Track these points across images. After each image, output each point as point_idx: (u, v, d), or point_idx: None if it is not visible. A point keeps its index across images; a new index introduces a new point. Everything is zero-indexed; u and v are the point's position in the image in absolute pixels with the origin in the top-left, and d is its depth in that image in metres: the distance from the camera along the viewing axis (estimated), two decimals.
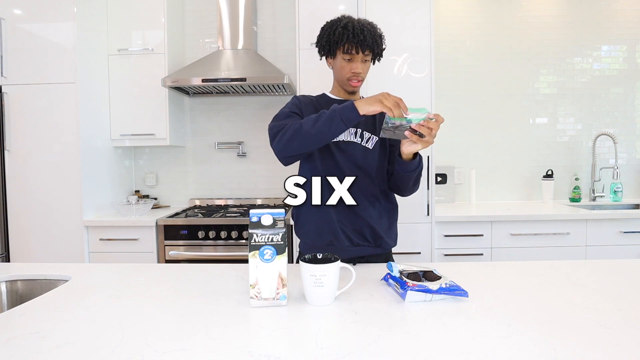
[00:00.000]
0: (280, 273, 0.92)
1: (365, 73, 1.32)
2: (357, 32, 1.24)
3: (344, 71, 1.31)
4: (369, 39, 1.25)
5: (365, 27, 1.27)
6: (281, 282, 0.92)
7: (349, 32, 1.25)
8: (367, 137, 1.33)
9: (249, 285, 0.92)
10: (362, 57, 1.29)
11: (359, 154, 1.32)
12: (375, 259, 1.36)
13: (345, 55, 1.28)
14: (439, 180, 2.80)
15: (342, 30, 1.26)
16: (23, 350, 0.72)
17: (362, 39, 1.24)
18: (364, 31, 1.25)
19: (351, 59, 1.28)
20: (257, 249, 0.91)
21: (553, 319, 0.83)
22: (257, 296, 0.92)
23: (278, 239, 0.91)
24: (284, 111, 1.31)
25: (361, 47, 1.26)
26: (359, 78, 1.31)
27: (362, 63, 1.30)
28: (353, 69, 1.29)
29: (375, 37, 1.28)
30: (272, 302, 0.92)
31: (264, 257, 0.91)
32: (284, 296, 0.92)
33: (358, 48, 1.26)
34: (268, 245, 0.91)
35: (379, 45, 1.30)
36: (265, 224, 0.92)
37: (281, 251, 0.92)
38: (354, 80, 1.31)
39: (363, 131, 1.33)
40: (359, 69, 1.29)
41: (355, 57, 1.28)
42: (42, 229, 2.29)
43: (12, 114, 2.27)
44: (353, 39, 1.24)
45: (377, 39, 1.28)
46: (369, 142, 1.33)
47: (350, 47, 1.26)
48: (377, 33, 1.29)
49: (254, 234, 0.91)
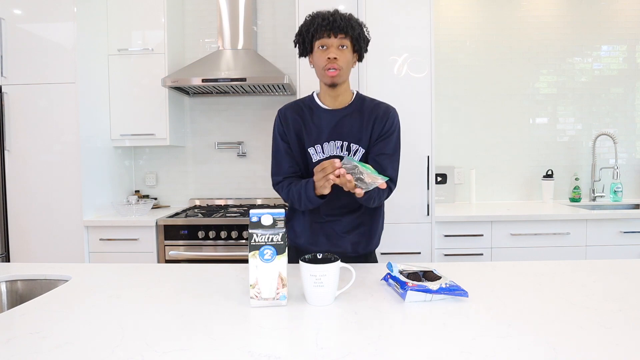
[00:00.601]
0: (280, 273, 0.92)
1: (343, 62, 1.22)
2: (327, 16, 1.20)
3: (320, 61, 1.23)
4: (339, 21, 1.19)
5: (337, 13, 1.22)
6: (281, 282, 0.92)
7: (319, 18, 1.21)
8: (354, 149, 1.30)
9: (249, 285, 0.92)
10: (337, 43, 1.21)
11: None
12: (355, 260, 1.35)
13: (319, 42, 1.22)
14: (439, 180, 2.80)
15: (311, 20, 1.23)
16: (23, 350, 0.72)
17: (331, 21, 1.19)
18: (335, 15, 1.20)
19: (326, 47, 1.22)
20: (257, 249, 0.91)
21: (553, 319, 0.83)
22: (257, 296, 0.92)
23: (278, 239, 0.91)
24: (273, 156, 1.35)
25: (333, 31, 1.19)
26: (334, 65, 1.21)
27: (339, 50, 1.21)
28: (327, 54, 1.21)
29: (349, 21, 1.21)
30: (272, 302, 0.92)
31: (264, 257, 0.91)
32: (284, 296, 0.92)
33: (330, 32, 1.20)
34: (268, 245, 0.91)
35: (354, 29, 1.22)
36: (265, 224, 0.92)
37: (281, 251, 0.92)
38: (330, 69, 1.21)
39: (350, 143, 1.29)
40: (333, 53, 1.20)
41: (329, 42, 1.21)
42: (42, 229, 2.29)
43: (12, 114, 2.27)
44: (322, 22, 1.20)
45: (352, 22, 1.22)
46: (356, 155, 1.30)
47: (322, 32, 1.20)
48: (353, 19, 1.23)
49: (254, 234, 0.91)
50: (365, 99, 1.35)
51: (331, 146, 1.30)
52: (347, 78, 1.29)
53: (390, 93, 2.23)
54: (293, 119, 1.32)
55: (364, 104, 1.32)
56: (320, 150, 1.31)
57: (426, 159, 2.24)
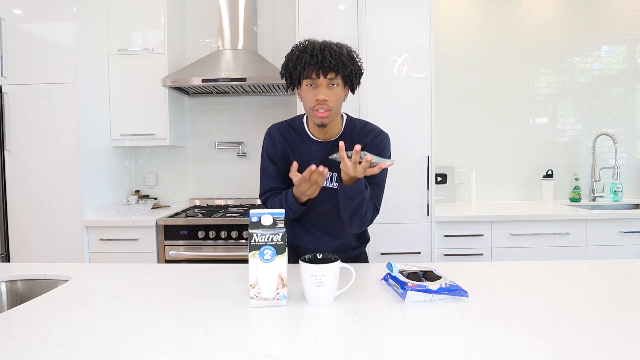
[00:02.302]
0: (280, 273, 0.92)
1: (334, 101, 1.14)
2: (315, 53, 1.10)
3: (309, 100, 1.15)
4: (329, 59, 1.10)
5: (327, 47, 1.12)
6: (281, 282, 0.92)
7: (307, 55, 1.11)
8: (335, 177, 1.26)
9: (249, 285, 0.92)
10: (327, 82, 1.13)
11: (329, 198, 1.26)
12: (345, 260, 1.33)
13: (308, 81, 1.14)
14: (439, 180, 2.80)
15: (299, 54, 1.14)
16: (23, 350, 0.72)
17: (320, 60, 1.09)
18: (324, 51, 1.10)
19: (314, 85, 1.14)
20: (257, 249, 0.91)
21: (553, 319, 0.83)
22: (257, 296, 0.92)
23: (278, 239, 0.91)
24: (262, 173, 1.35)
25: (322, 70, 1.10)
26: (324, 107, 1.13)
27: (328, 89, 1.13)
28: (316, 95, 1.13)
29: (339, 57, 1.11)
30: (272, 302, 0.92)
31: (264, 257, 0.91)
32: (284, 296, 0.92)
33: (319, 71, 1.11)
34: (268, 245, 0.91)
35: (345, 67, 1.13)
36: (265, 224, 0.92)
37: (281, 251, 0.91)
38: (319, 110, 1.13)
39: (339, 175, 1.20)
40: (323, 94, 1.12)
41: (318, 81, 1.13)
42: (42, 229, 2.29)
43: (12, 114, 2.27)
44: (311, 60, 1.10)
45: (342, 59, 1.12)
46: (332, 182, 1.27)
47: (310, 71, 1.11)
48: (343, 53, 1.13)
49: (254, 234, 0.91)
50: (356, 125, 1.28)
51: None
52: (337, 115, 1.23)
53: (390, 93, 2.23)
54: (281, 142, 1.28)
55: (353, 132, 1.27)
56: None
57: (426, 159, 2.24)
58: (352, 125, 1.28)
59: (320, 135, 1.26)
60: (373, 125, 1.31)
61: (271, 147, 1.30)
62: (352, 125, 1.28)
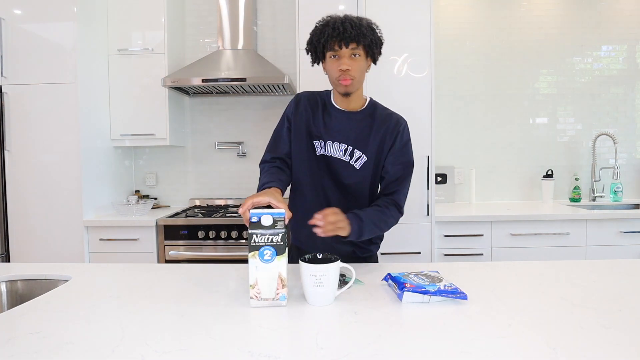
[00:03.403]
0: (280, 274, 0.92)
1: (356, 71, 1.21)
2: (337, 25, 1.17)
3: (332, 71, 1.22)
4: (350, 30, 1.16)
5: (348, 19, 1.19)
6: (281, 283, 0.92)
7: (329, 28, 1.18)
8: (357, 155, 1.28)
9: (249, 285, 0.92)
10: (349, 52, 1.19)
11: (343, 171, 1.28)
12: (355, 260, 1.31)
13: (331, 53, 1.21)
14: (439, 180, 2.80)
15: (322, 28, 1.20)
16: (23, 350, 0.72)
17: (341, 31, 1.16)
18: (345, 24, 1.17)
19: (337, 56, 1.20)
20: (256, 250, 0.91)
21: (553, 319, 0.83)
22: (257, 296, 0.92)
23: (278, 240, 0.91)
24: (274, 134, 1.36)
25: (344, 41, 1.17)
26: (347, 76, 1.19)
27: (351, 59, 1.19)
28: (340, 65, 1.19)
29: (360, 28, 1.18)
30: (272, 302, 0.92)
31: (264, 257, 0.91)
32: (284, 296, 0.92)
33: (341, 42, 1.17)
34: (268, 245, 0.91)
35: (366, 37, 1.19)
36: (265, 224, 0.92)
37: (281, 252, 0.91)
38: (342, 79, 1.20)
39: (354, 149, 1.27)
40: (346, 64, 1.18)
41: (340, 52, 1.19)
42: (42, 229, 2.29)
43: (12, 114, 2.27)
44: (333, 32, 1.17)
45: (363, 30, 1.18)
46: (357, 162, 1.28)
47: (333, 43, 1.18)
48: (363, 24, 1.19)
49: (253, 235, 0.91)
50: (378, 106, 1.33)
51: (335, 147, 1.28)
52: (360, 86, 1.27)
53: (390, 93, 2.23)
54: (305, 107, 1.32)
55: (376, 111, 1.31)
56: (324, 146, 1.29)
57: (426, 159, 2.24)
58: (375, 106, 1.33)
59: (344, 105, 1.30)
60: (392, 111, 1.34)
61: (295, 111, 1.33)
62: (375, 106, 1.33)
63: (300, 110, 1.32)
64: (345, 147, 1.28)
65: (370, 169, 1.29)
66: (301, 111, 1.32)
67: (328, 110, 1.31)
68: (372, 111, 1.31)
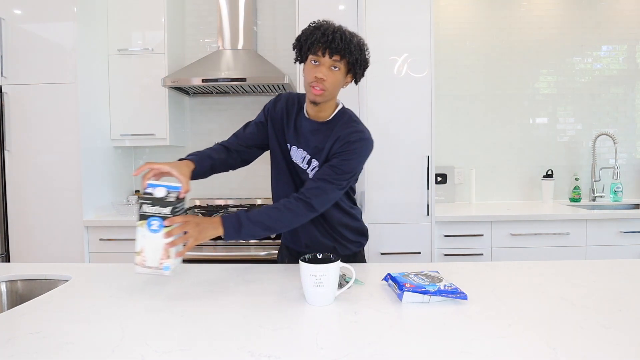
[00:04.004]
0: (165, 244, 0.95)
1: (331, 83, 1.16)
2: (327, 33, 1.13)
3: (308, 76, 1.18)
4: (338, 42, 1.12)
5: (340, 31, 1.15)
6: (166, 253, 0.95)
7: (319, 32, 1.14)
8: (313, 165, 1.27)
9: (135, 252, 0.96)
10: (330, 63, 1.15)
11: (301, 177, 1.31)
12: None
13: (313, 57, 1.16)
14: (439, 180, 2.80)
15: (312, 30, 1.17)
16: (23, 350, 0.72)
17: (330, 40, 1.12)
18: (336, 34, 1.13)
19: (318, 63, 1.16)
20: (145, 219, 0.95)
21: (553, 319, 0.83)
22: (142, 263, 0.95)
23: (167, 212, 0.95)
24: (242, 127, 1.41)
25: (329, 50, 1.13)
26: (321, 85, 1.15)
27: (329, 70, 1.16)
28: (316, 72, 1.15)
29: (349, 44, 1.14)
30: (156, 270, 0.95)
31: (151, 227, 0.95)
32: (168, 267, 0.95)
33: (325, 50, 1.13)
34: (156, 216, 0.94)
35: (352, 54, 1.15)
36: (158, 195, 0.96)
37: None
38: (315, 87, 1.16)
39: (312, 158, 1.27)
40: (322, 73, 1.14)
41: (322, 60, 1.15)
42: (42, 229, 2.29)
43: (12, 114, 2.27)
44: (321, 38, 1.13)
45: (351, 46, 1.14)
46: (313, 171, 1.27)
47: (317, 48, 1.14)
48: (353, 41, 1.15)
49: (143, 204, 0.95)
50: (344, 118, 1.26)
51: (298, 153, 1.29)
52: (332, 98, 1.22)
53: (390, 93, 2.23)
54: (282, 109, 1.33)
55: (339, 122, 1.25)
56: (289, 150, 1.31)
57: (426, 159, 2.24)
58: (342, 115, 1.27)
59: (312, 113, 1.27)
60: (360, 127, 1.23)
61: (272, 110, 1.34)
62: (342, 115, 1.27)
63: (277, 110, 1.33)
64: (305, 154, 1.28)
65: None
66: (277, 111, 1.33)
67: (300, 115, 1.30)
68: (335, 123, 1.25)
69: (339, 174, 1.17)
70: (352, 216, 1.37)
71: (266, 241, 2.27)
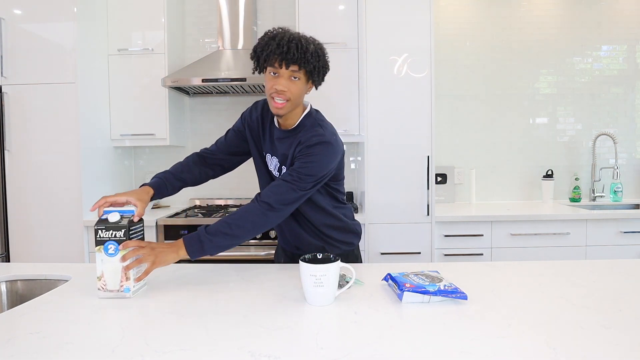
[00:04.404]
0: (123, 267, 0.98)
1: (293, 93, 1.15)
2: (282, 43, 1.10)
3: (268, 87, 1.17)
4: (294, 52, 1.10)
5: (295, 40, 1.12)
6: (125, 276, 0.98)
7: (274, 43, 1.12)
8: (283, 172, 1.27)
9: (97, 277, 0.99)
10: (288, 74, 1.13)
11: None
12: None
13: (270, 69, 1.15)
14: (439, 180, 2.80)
15: (268, 41, 1.14)
16: (23, 350, 0.72)
17: (285, 51, 1.10)
18: (291, 43, 1.10)
19: (277, 74, 1.14)
20: (101, 244, 0.98)
21: (553, 319, 0.83)
22: (103, 288, 0.98)
23: (121, 235, 0.98)
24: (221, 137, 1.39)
25: (285, 62, 1.11)
26: (282, 97, 1.14)
27: (289, 81, 1.14)
28: (275, 84, 1.14)
29: (305, 52, 1.11)
30: (117, 294, 0.98)
31: (108, 251, 0.98)
32: (128, 288, 0.98)
33: (282, 62, 1.12)
34: (112, 240, 0.98)
35: (308, 63, 1.13)
36: (112, 220, 1.00)
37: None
38: (276, 99, 1.15)
39: (282, 165, 1.27)
40: (282, 85, 1.13)
41: (280, 71, 1.13)
42: (42, 229, 2.29)
43: (12, 114, 2.27)
44: (277, 49, 1.11)
45: (307, 55, 1.12)
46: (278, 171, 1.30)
47: (274, 60, 1.12)
48: (309, 49, 1.13)
49: (98, 230, 0.98)
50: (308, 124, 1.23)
51: (272, 161, 1.30)
52: (294, 108, 1.20)
53: (390, 93, 2.24)
54: (257, 117, 1.32)
55: (303, 129, 1.23)
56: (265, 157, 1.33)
57: (426, 159, 2.24)
58: (307, 120, 1.25)
59: (281, 122, 1.27)
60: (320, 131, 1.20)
61: (248, 115, 1.34)
62: (307, 120, 1.25)
63: (253, 119, 1.33)
64: (277, 161, 1.29)
65: None
66: (253, 120, 1.33)
67: (273, 124, 1.30)
68: (300, 129, 1.24)
69: (298, 176, 1.14)
70: (335, 216, 1.33)
71: (266, 241, 2.27)
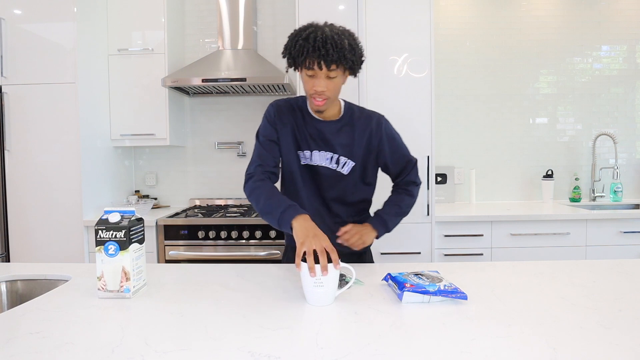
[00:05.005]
0: (124, 267, 0.98)
1: (332, 91, 1.17)
2: (318, 45, 1.08)
3: (307, 87, 1.17)
4: (332, 52, 1.08)
5: (330, 38, 1.09)
6: (125, 276, 0.98)
7: (309, 45, 1.09)
8: (342, 162, 1.29)
9: (96, 277, 0.99)
10: (325, 74, 1.13)
11: (329, 179, 1.31)
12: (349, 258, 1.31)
13: (307, 71, 1.14)
14: (439, 180, 2.80)
15: (302, 43, 1.11)
16: (23, 350, 0.72)
17: (323, 53, 1.08)
18: (327, 44, 1.08)
19: (313, 75, 1.14)
20: (102, 244, 0.98)
21: (553, 319, 0.83)
22: (103, 288, 0.99)
23: (121, 236, 0.98)
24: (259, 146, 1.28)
25: (324, 62, 1.10)
26: (322, 96, 1.16)
27: (327, 80, 1.14)
28: (314, 86, 1.14)
29: (341, 49, 1.10)
30: (117, 294, 0.98)
31: (108, 252, 0.98)
32: (128, 289, 0.98)
33: (321, 63, 1.10)
34: (112, 241, 0.98)
35: (347, 60, 1.12)
36: (112, 221, 0.99)
37: (124, 247, 0.98)
38: (316, 99, 1.17)
39: (340, 157, 1.28)
40: (321, 86, 1.13)
41: (317, 72, 1.13)
42: (42, 229, 2.29)
43: (12, 114, 2.27)
44: (313, 53, 1.09)
45: (344, 52, 1.11)
46: (344, 167, 1.29)
47: (311, 62, 1.11)
48: (344, 46, 1.11)
49: (99, 231, 0.98)
50: (354, 110, 1.32)
51: (321, 156, 1.29)
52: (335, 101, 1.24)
53: (390, 93, 2.23)
54: (288, 118, 1.30)
55: (354, 115, 1.30)
56: (309, 156, 1.29)
57: (426, 159, 2.24)
58: (351, 110, 1.33)
59: (321, 115, 1.29)
60: (369, 110, 1.34)
61: (277, 118, 1.28)
62: (351, 110, 1.33)
63: (284, 122, 1.29)
64: (331, 155, 1.29)
65: (357, 172, 1.33)
66: (286, 123, 1.29)
67: (307, 119, 1.29)
68: (350, 118, 1.30)
69: (404, 157, 1.38)
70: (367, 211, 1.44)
71: (266, 241, 2.27)
